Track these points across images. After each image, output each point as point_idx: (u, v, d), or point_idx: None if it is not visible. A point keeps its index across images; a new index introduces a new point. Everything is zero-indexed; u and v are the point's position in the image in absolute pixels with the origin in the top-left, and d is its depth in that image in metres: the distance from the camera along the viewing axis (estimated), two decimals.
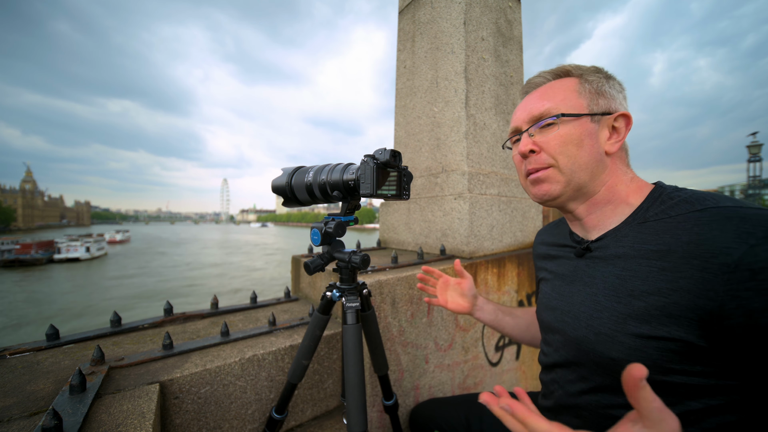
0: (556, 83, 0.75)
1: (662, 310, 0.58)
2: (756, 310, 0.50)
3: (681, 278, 0.56)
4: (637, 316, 0.61)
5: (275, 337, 1.24)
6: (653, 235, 0.62)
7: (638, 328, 0.60)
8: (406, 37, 2.22)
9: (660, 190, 0.69)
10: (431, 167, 1.99)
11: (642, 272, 0.62)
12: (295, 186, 0.97)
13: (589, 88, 0.72)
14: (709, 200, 0.59)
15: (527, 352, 2.01)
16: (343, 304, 0.91)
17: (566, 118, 0.70)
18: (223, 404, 1.06)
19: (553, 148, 0.71)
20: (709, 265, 0.53)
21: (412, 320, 1.42)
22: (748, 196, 55.10)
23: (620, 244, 0.68)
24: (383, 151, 0.78)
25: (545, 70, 0.78)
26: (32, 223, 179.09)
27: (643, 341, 0.60)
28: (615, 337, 0.64)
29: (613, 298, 0.66)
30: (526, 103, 0.77)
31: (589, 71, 0.74)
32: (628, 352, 0.61)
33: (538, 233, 1.03)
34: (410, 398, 1.43)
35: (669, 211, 0.63)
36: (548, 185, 0.74)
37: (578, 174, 0.71)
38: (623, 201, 0.72)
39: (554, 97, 0.72)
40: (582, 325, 0.71)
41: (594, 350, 0.67)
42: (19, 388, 0.83)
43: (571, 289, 0.77)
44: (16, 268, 36.76)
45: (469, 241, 1.72)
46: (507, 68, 2.08)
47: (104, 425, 0.70)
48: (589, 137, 0.70)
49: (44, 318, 17.53)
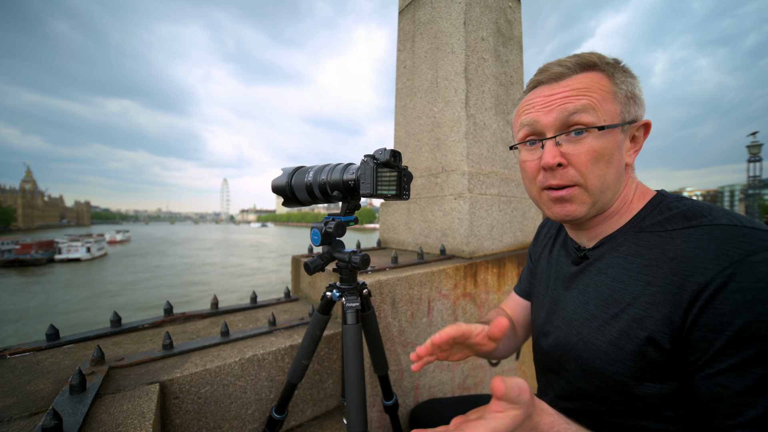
0: (583, 78, 0.63)
1: (640, 323, 0.58)
2: (704, 325, 0.51)
3: (660, 293, 0.56)
4: (620, 327, 0.61)
5: (275, 337, 1.24)
6: (647, 249, 0.61)
7: (619, 339, 0.61)
8: (406, 37, 2.22)
9: (660, 198, 0.66)
10: (431, 167, 1.99)
11: (631, 285, 0.61)
12: (295, 186, 0.97)
13: (624, 90, 0.63)
14: (707, 216, 0.57)
15: (527, 352, 2.01)
16: (343, 304, 0.91)
17: (605, 129, 0.61)
18: (223, 404, 1.06)
19: (584, 164, 0.62)
20: (685, 282, 0.53)
21: (412, 320, 1.42)
22: (748, 196, 55.08)
23: (615, 254, 0.67)
24: (383, 151, 0.78)
25: (565, 58, 0.66)
26: (32, 223, 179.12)
27: (621, 352, 0.60)
28: (599, 346, 0.64)
29: (602, 308, 0.65)
30: (551, 97, 0.65)
31: (617, 67, 0.65)
32: (610, 361, 0.62)
33: (547, 219, 1.00)
34: (410, 398, 1.43)
35: (665, 224, 0.61)
36: (573, 207, 0.66)
37: (605, 194, 0.65)
38: (627, 210, 0.69)
39: (589, 96, 0.62)
40: (573, 332, 0.71)
41: (581, 357, 0.68)
42: (19, 388, 0.83)
43: (567, 295, 0.76)
44: (17, 268, 36.78)
45: (469, 241, 1.72)
46: (507, 68, 2.08)
47: (104, 425, 0.70)
48: (618, 151, 0.63)
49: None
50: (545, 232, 0.97)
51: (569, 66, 0.64)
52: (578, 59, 0.64)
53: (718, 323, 0.49)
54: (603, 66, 0.64)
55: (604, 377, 0.63)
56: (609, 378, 0.62)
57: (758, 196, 57.01)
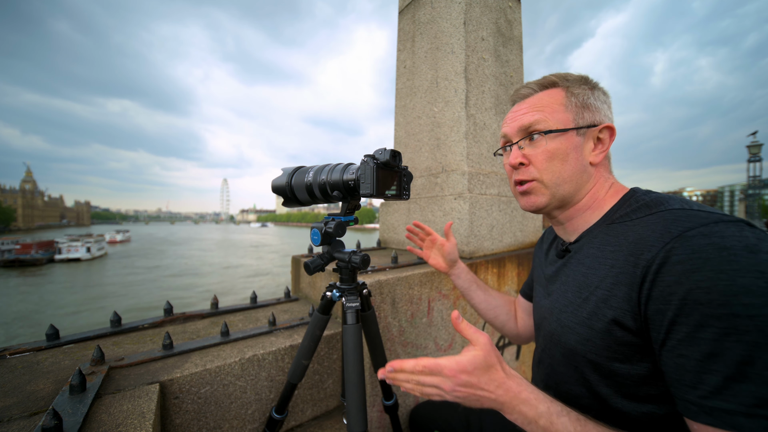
0: (543, 95, 0.77)
1: (606, 302, 0.63)
2: (656, 298, 0.55)
3: (620, 273, 0.62)
4: (590, 308, 0.67)
5: (275, 337, 1.24)
6: (614, 237, 0.67)
7: (589, 320, 0.66)
8: (406, 37, 2.22)
9: (631, 193, 0.73)
10: (431, 167, 1.99)
11: (600, 270, 0.67)
12: (295, 186, 0.97)
13: (575, 101, 0.74)
14: (665, 203, 0.63)
15: (527, 352, 2.01)
16: (343, 304, 0.91)
17: (553, 134, 0.73)
18: (223, 404, 1.06)
19: (540, 163, 0.75)
20: (638, 260, 0.59)
21: (412, 320, 1.42)
22: (748, 196, 55.07)
23: (591, 245, 0.73)
24: (383, 151, 0.78)
25: (532, 81, 0.81)
26: (32, 223, 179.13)
27: (592, 332, 0.66)
28: (574, 328, 0.70)
29: (577, 294, 0.72)
30: (515, 114, 0.80)
31: (575, 82, 0.76)
32: (582, 341, 0.68)
33: (548, 228, 1.08)
34: (410, 398, 1.43)
35: (632, 214, 0.67)
36: (534, 197, 0.78)
37: (562, 187, 0.75)
38: (601, 206, 0.76)
39: (542, 111, 0.75)
40: (554, 319, 0.77)
41: (560, 341, 0.74)
42: (19, 388, 0.83)
43: (552, 288, 0.83)
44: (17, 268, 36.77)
45: (469, 241, 1.72)
46: (507, 68, 2.08)
47: (104, 425, 0.70)
48: (575, 151, 0.73)
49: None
50: (546, 236, 1.03)
51: (533, 87, 0.79)
52: (541, 80, 0.79)
53: (666, 294, 0.54)
54: (561, 83, 0.76)
55: (578, 357, 0.69)
56: (583, 357, 0.68)
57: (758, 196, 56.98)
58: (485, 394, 0.61)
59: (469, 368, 0.60)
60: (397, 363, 0.65)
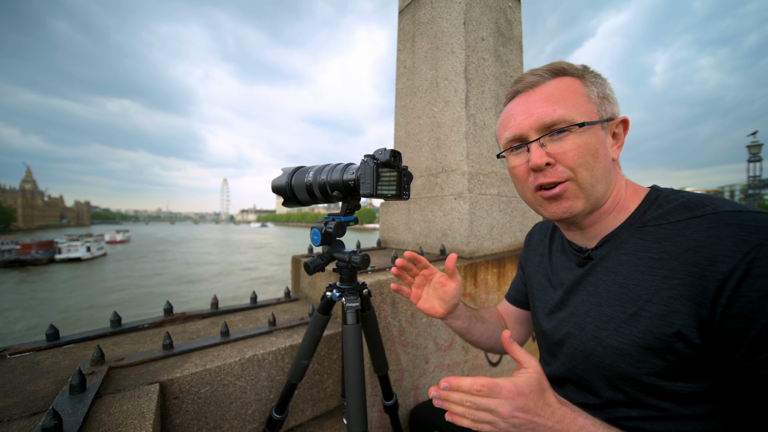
0: (557, 83, 0.67)
1: (664, 319, 0.57)
2: (736, 315, 0.50)
3: (680, 285, 0.55)
4: (643, 326, 0.59)
5: (275, 337, 1.24)
6: (654, 243, 0.61)
7: (643, 340, 0.59)
8: (406, 37, 2.22)
9: (656, 192, 0.68)
10: (431, 167, 1.99)
11: (645, 281, 0.60)
12: (295, 186, 0.97)
13: (596, 91, 0.67)
14: (709, 205, 0.58)
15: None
16: (343, 304, 0.91)
17: (585, 126, 0.64)
18: (223, 404, 1.06)
19: (572, 159, 0.64)
20: (706, 272, 0.53)
21: (412, 320, 1.42)
22: (748, 196, 55.06)
23: (622, 251, 0.66)
24: (383, 151, 0.78)
25: (538, 68, 0.71)
26: (32, 223, 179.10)
27: (649, 353, 0.59)
28: (622, 348, 0.62)
29: (617, 308, 0.64)
30: (529, 107, 0.68)
31: (587, 72, 0.69)
32: (636, 363, 0.60)
33: (535, 226, 1.01)
34: (410, 398, 1.43)
35: (668, 217, 0.61)
36: (570, 202, 0.67)
37: (596, 188, 0.66)
38: (624, 207, 0.69)
39: (564, 101, 0.65)
40: (589, 337, 0.68)
41: (603, 363, 0.65)
42: (19, 388, 0.83)
43: (575, 299, 0.74)
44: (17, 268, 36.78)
45: (469, 241, 1.72)
46: (507, 68, 2.08)
47: (104, 425, 0.70)
48: (602, 146, 0.65)
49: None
50: (537, 240, 0.95)
51: (542, 74, 0.69)
52: (550, 67, 0.69)
53: (749, 311, 0.49)
54: (572, 71, 0.68)
55: (632, 381, 0.61)
56: (638, 381, 0.61)
57: (758, 196, 56.96)
58: (542, 421, 0.55)
59: (526, 390, 0.54)
60: (454, 380, 0.57)
